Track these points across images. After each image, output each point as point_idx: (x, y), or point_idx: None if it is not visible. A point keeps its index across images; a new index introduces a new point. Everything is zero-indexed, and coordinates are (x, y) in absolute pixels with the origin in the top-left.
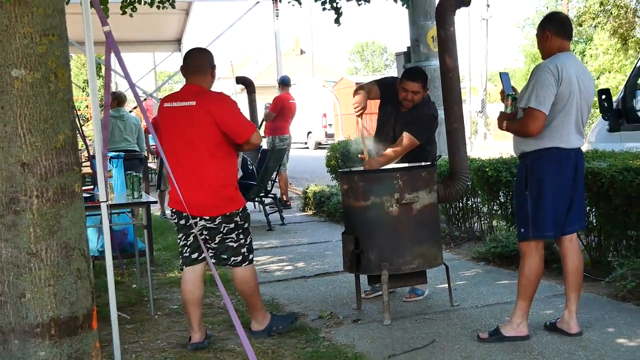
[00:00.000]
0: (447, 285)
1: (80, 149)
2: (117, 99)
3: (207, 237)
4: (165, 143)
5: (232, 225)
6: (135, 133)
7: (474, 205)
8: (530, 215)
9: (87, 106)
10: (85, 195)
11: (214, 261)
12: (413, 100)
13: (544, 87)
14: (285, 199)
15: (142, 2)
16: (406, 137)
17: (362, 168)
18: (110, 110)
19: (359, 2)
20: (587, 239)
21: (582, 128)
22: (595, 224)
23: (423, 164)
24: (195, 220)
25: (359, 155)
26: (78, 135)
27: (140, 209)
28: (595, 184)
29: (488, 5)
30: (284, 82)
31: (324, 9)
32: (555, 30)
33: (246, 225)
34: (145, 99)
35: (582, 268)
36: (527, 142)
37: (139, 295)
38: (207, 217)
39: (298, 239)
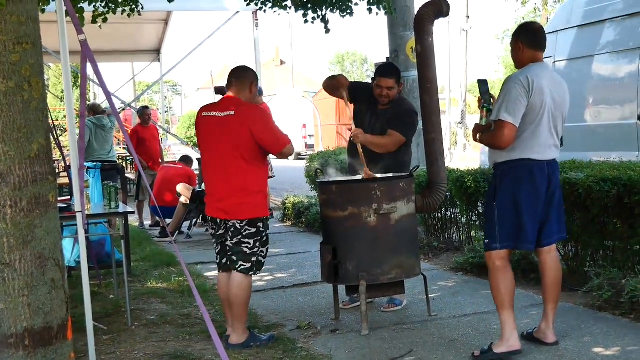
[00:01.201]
0: (425, 295)
1: (58, 159)
2: (93, 110)
3: (227, 237)
4: (203, 151)
5: (253, 230)
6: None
7: (453, 216)
8: (496, 227)
9: (64, 116)
10: (61, 205)
11: (225, 262)
12: (389, 95)
13: (514, 99)
14: None
15: (115, 13)
16: (394, 134)
17: (345, 176)
18: (93, 118)
19: (342, 14)
20: (564, 249)
21: (556, 139)
22: (572, 234)
23: (401, 174)
24: (231, 223)
25: (349, 128)
26: (54, 145)
27: (118, 219)
28: (572, 194)
29: (468, 17)
30: (258, 92)
31: (305, 21)
32: (527, 42)
33: (265, 235)
34: (123, 109)
35: (561, 280)
36: (499, 154)
37: (116, 306)
38: (236, 220)
39: (277, 250)
